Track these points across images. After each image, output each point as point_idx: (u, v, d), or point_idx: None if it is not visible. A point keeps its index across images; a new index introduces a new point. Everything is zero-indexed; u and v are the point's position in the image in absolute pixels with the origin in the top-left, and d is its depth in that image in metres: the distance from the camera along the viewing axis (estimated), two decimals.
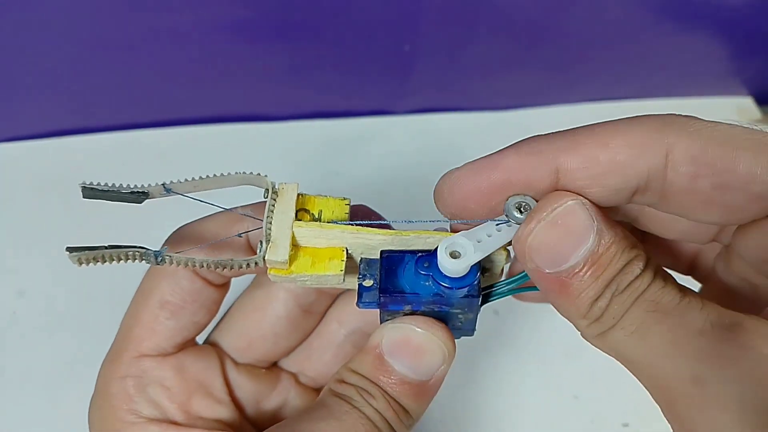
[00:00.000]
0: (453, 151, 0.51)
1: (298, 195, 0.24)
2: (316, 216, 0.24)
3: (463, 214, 0.23)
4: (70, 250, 0.21)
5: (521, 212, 0.22)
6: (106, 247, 0.22)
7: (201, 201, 0.24)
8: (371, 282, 0.24)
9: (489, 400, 0.41)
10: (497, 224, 0.23)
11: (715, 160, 0.20)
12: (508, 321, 0.43)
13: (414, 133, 0.52)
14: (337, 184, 0.49)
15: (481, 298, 0.23)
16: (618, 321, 0.20)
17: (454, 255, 0.22)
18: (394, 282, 0.23)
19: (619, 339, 0.21)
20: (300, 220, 0.24)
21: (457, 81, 0.51)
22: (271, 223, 0.24)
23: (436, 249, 0.23)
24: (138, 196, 0.23)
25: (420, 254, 0.24)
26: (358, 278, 0.24)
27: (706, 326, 0.20)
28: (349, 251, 0.24)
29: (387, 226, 0.25)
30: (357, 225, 0.24)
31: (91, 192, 0.22)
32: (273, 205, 0.24)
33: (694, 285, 0.27)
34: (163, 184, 0.23)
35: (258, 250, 0.23)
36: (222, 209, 0.25)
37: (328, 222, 0.24)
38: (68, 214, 0.46)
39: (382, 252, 0.24)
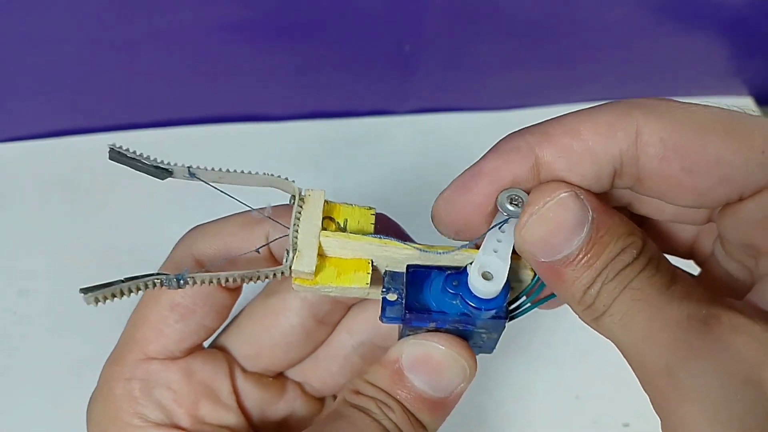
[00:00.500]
0: (454, 151, 0.51)
1: (324, 202, 0.24)
2: (342, 225, 0.24)
3: (465, 229, 0.23)
4: (84, 291, 0.20)
5: (514, 205, 0.22)
6: (122, 281, 0.21)
7: (228, 195, 0.23)
8: (395, 296, 0.23)
9: (489, 400, 0.41)
10: (499, 227, 0.23)
11: (683, 143, 0.20)
12: (509, 322, 0.43)
13: (415, 133, 0.52)
14: (337, 184, 0.49)
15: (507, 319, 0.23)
16: (608, 308, 0.21)
17: (486, 276, 0.22)
18: (420, 299, 0.23)
19: (609, 325, 0.21)
20: (326, 229, 0.23)
21: (458, 81, 0.51)
22: (297, 231, 0.23)
23: (465, 267, 0.23)
24: (162, 171, 0.22)
25: (449, 272, 0.23)
26: (382, 291, 0.23)
27: (682, 317, 0.20)
28: (374, 262, 0.24)
29: (408, 238, 0.25)
30: (385, 239, 0.23)
31: (117, 155, 0.22)
32: (299, 213, 0.23)
33: (695, 269, 0.27)
34: (188, 168, 0.22)
35: (284, 259, 0.22)
36: (249, 207, 0.24)
37: (354, 232, 0.24)
38: (69, 214, 0.46)
39: (408, 266, 0.23)
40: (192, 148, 0.49)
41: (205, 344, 0.30)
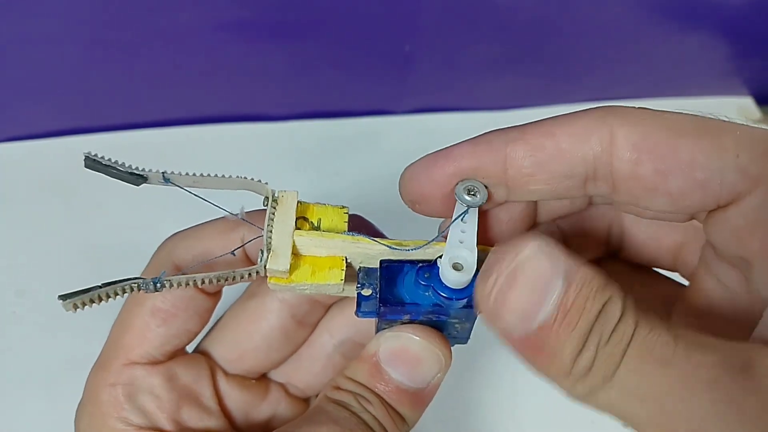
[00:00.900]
0: None
1: (298, 203, 0.24)
2: (316, 224, 0.24)
3: (421, 201, 0.24)
4: (63, 297, 0.21)
5: (471, 195, 0.23)
6: (100, 286, 0.21)
7: (205, 200, 0.24)
8: (370, 291, 0.24)
9: (488, 400, 0.41)
10: (461, 218, 0.23)
11: (656, 146, 0.21)
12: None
13: (414, 133, 0.52)
14: (336, 184, 0.49)
15: None
16: (611, 377, 0.18)
17: (456, 267, 0.22)
18: (394, 292, 0.23)
19: (617, 397, 0.18)
20: (300, 229, 0.24)
21: (457, 81, 0.51)
22: (271, 231, 0.23)
23: (435, 260, 0.23)
24: (136, 178, 0.23)
25: (420, 265, 0.24)
26: (357, 287, 0.24)
27: (718, 374, 0.17)
28: (348, 260, 0.24)
29: (382, 237, 0.25)
30: (358, 236, 0.24)
31: (92, 163, 0.22)
32: (273, 214, 0.24)
33: (681, 281, 0.27)
34: (162, 173, 0.23)
35: (259, 259, 0.23)
36: (226, 212, 0.25)
37: (328, 231, 0.24)
38: (68, 214, 0.46)
39: (381, 261, 0.24)
40: (192, 148, 0.49)
41: (189, 349, 0.30)
